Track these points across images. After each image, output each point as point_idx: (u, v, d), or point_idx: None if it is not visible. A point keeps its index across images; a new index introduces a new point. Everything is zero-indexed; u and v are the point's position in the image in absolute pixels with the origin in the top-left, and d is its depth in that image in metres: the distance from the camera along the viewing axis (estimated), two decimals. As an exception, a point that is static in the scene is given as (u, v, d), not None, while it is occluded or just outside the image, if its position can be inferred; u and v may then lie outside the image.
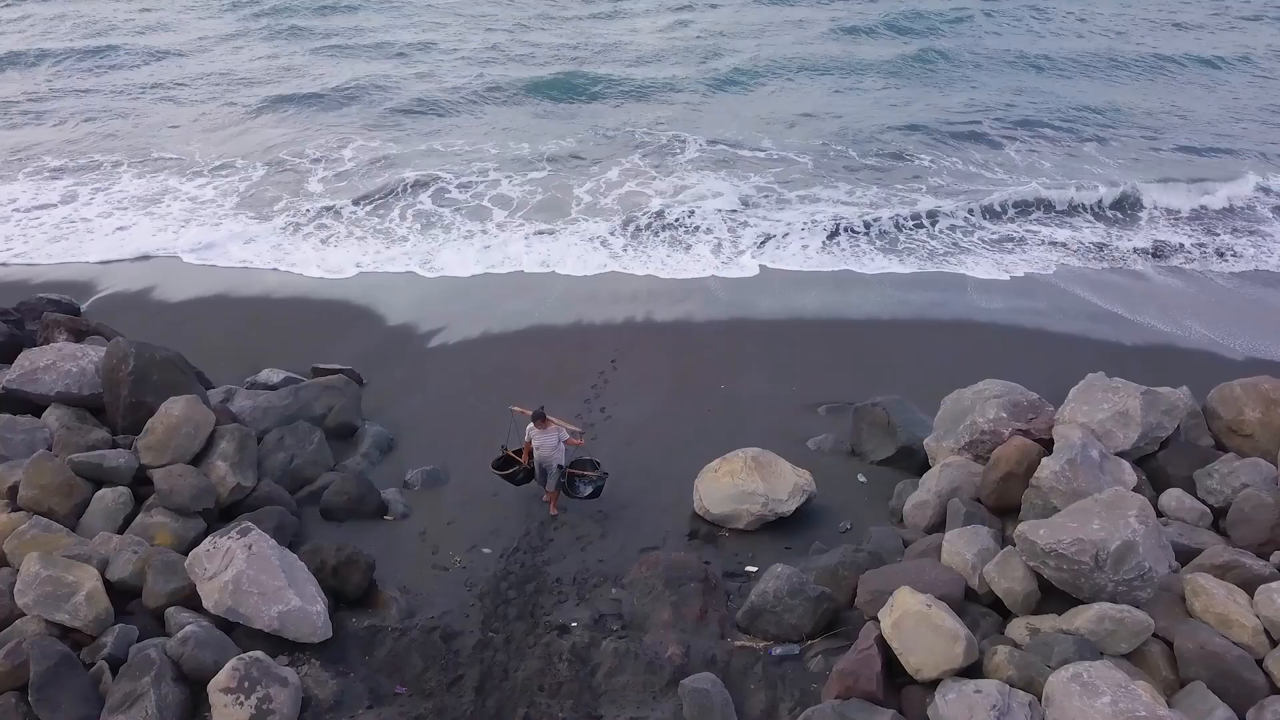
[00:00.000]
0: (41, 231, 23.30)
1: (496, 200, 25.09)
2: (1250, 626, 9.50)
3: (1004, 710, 8.36)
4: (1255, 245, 22.45)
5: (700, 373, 17.41)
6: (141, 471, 12.18)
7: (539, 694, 10.11)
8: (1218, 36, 40.21)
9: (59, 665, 9.17)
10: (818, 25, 41.76)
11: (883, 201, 24.57)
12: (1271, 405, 12.26)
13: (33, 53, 38.77)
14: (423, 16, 45.51)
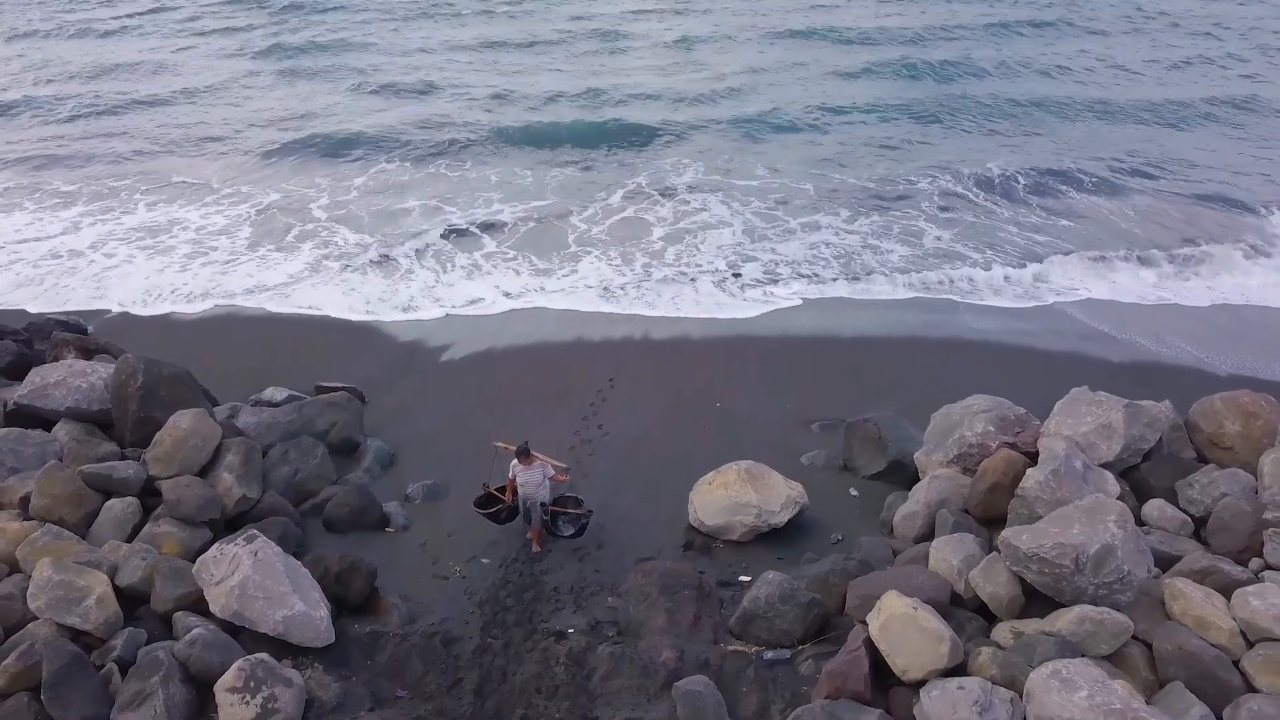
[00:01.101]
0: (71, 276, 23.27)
1: (500, 236, 25.21)
2: (1227, 629, 9.85)
3: (986, 706, 8.70)
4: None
5: (696, 391, 17.81)
6: (150, 483, 12.58)
7: (536, 696, 10.43)
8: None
9: (71, 665, 9.51)
10: (834, 63, 41.57)
11: (883, 231, 25.04)
12: (1251, 418, 12.67)
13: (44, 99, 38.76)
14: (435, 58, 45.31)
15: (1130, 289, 22.00)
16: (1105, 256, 23.32)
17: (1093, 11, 49.59)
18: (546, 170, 29.75)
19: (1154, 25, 47.81)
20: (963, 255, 23.58)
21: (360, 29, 49.37)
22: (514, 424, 15.96)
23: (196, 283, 22.54)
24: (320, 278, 22.66)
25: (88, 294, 22.19)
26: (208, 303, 21.61)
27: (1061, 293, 21.86)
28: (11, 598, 10.49)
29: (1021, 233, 24.96)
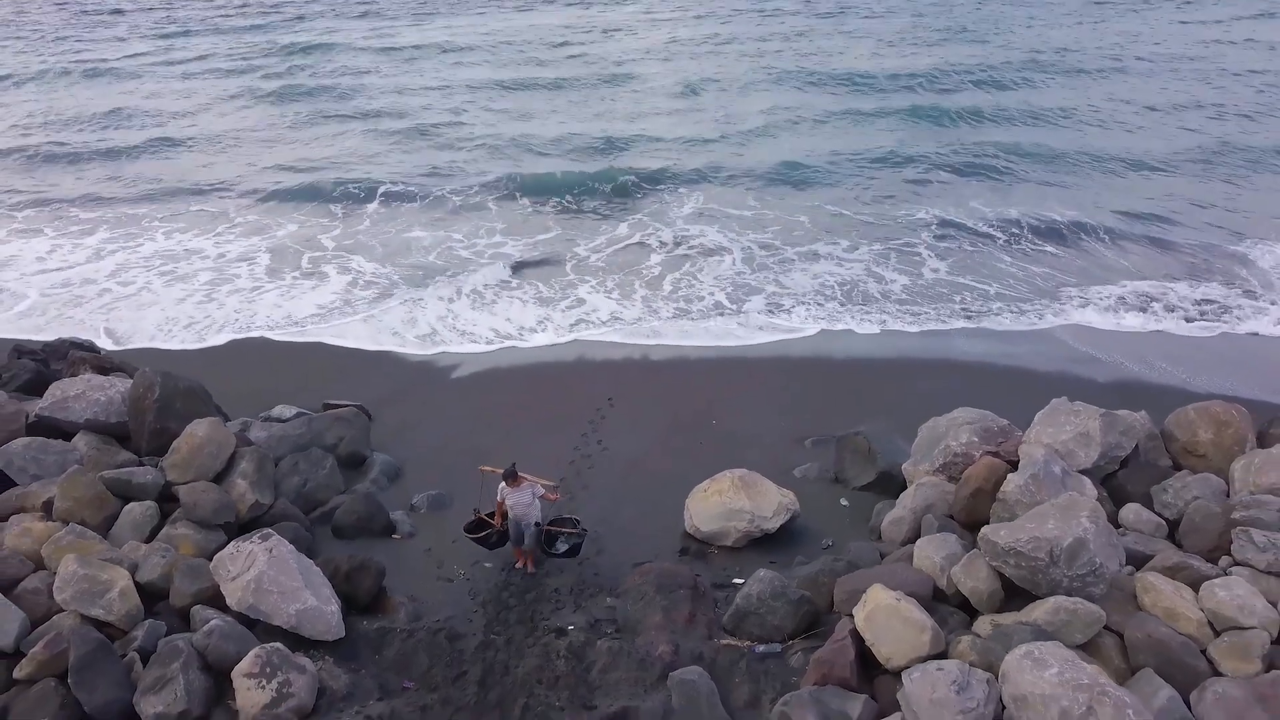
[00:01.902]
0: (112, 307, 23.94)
1: (507, 269, 25.92)
2: (1195, 619, 10.44)
3: (963, 685, 9.27)
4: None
5: (693, 410, 18.47)
6: (167, 488, 13.22)
7: (538, 687, 11.00)
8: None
9: (96, 651, 10.10)
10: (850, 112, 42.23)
11: (882, 259, 25.92)
12: (1222, 427, 13.35)
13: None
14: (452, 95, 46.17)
15: (1122, 319, 22.71)
16: (1102, 291, 24.09)
17: (1079, 59, 51.09)
18: (552, 214, 30.38)
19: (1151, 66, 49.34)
20: (964, 285, 24.37)
21: (366, 68, 50.69)
22: (516, 441, 16.64)
23: (208, 312, 23.23)
24: (328, 306, 23.39)
25: (99, 323, 22.92)
26: (221, 333, 22.22)
27: (1056, 316, 22.66)
28: (38, 592, 11.08)
29: (1017, 263, 25.78)
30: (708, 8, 79.71)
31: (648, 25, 67.71)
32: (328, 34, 60.98)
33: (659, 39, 61.39)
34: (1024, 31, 63.71)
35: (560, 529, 13.56)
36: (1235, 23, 67.84)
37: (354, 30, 63.75)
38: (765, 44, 58.86)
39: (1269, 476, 12.24)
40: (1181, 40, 60.06)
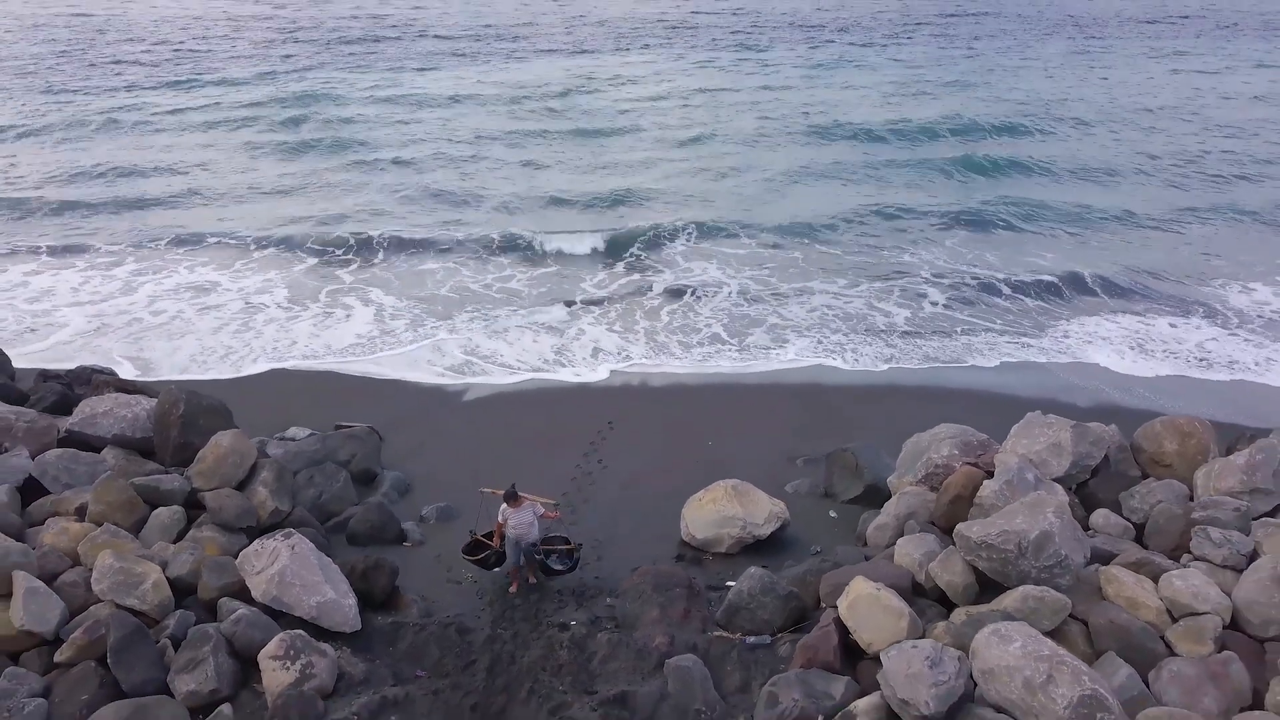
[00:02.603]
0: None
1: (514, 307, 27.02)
2: (1155, 607, 11.36)
3: (936, 661, 10.15)
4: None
5: (690, 433, 19.44)
6: (192, 494, 14.16)
7: (542, 674, 11.86)
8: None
9: (133, 634, 10.98)
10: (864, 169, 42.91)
11: (885, 294, 27.16)
12: (1186, 437, 14.34)
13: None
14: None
15: (1112, 357, 23.82)
16: (1089, 328, 25.25)
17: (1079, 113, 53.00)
18: (555, 256, 31.38)
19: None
20: (955, 321, 25.54)
21: (373, 118, 52.22)
22: (521, 462, 17.56)
23: (235, 343, 24.21)
24: (347, 338, 24.46)
25: (131, 352, 23.87)
26: (246, 364, 23.14)
27: (1042, 351, 23.79)
28: (75, 585, 11.98)
29: (1008, 300, 27.02)
30: (706, 57, 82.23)
31: (648, 76, 69.78)
32: (332, 84, 62.88)
33: (659, 89, 63.37)
34: (1013, 83, 65.94)
35: (553, 547, 14.15)
36: (1227, 73, 70.30)
37: (359, 80, 65.75)
38: (764, 94, 60.83)
39: (1227, 481, 13.22)
40: (1172, 91, 62.24)
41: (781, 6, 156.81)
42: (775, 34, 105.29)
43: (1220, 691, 10.38)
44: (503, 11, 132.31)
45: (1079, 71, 74.99)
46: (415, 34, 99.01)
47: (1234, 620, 11.30)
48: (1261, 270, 29.32)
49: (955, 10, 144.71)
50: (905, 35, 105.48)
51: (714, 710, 11.22)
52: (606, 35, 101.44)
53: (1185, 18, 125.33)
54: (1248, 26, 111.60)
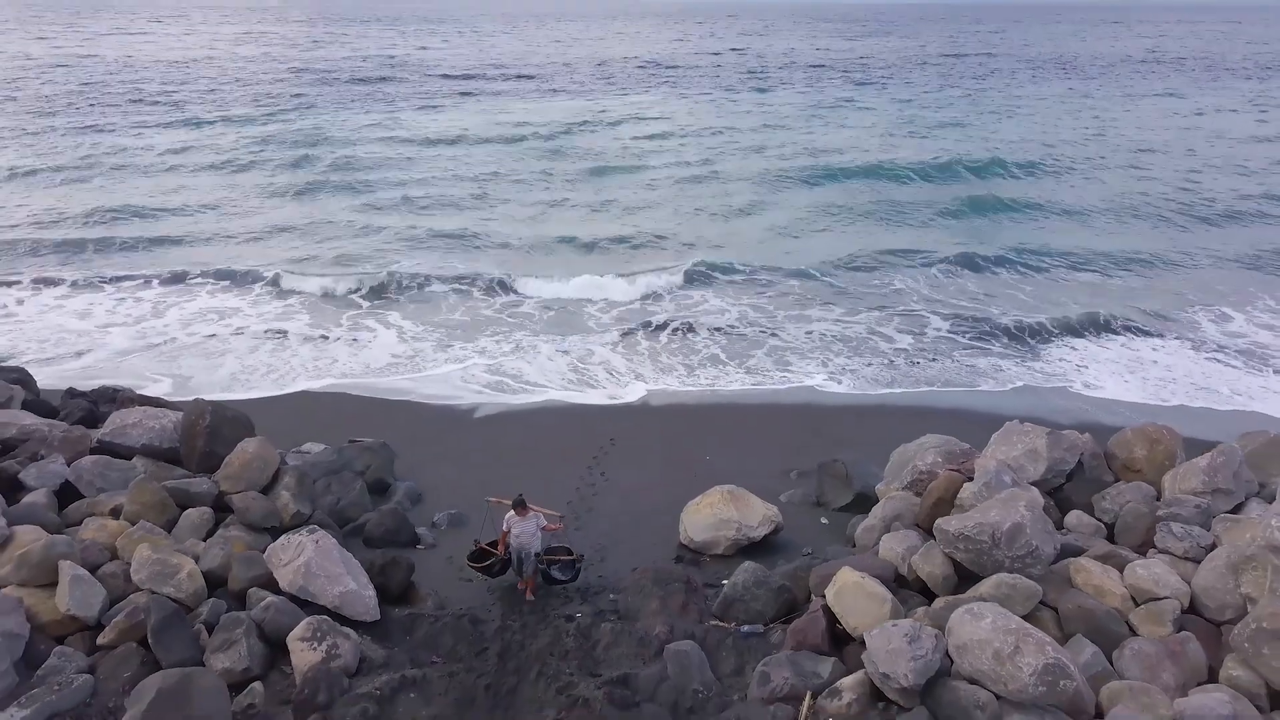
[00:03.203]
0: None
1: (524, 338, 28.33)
2: (1120, 594, 12.30)
3: (914, 638, 11.07)
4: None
5: (689, 448, 20.48)
6: (220, 497, 15.14)
7: (550, 658, 12.77)
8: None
9: (172, 616, 11.92)
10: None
11: (883, 321, 28.34)
12: (1155, 443, 15.36)
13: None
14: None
15: (1104, 379, 24.93)
16: (1085, 357, 26.40)
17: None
18: (563, 284, 32.55)
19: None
20: (954, 347, 26.69)
21: (380, 159, 53.64)
22: (527, 474, 18.57)
23: (262, 360, 25.60)
24: (366, 359, 25.59)
25: (168, 370, 25.13)
26: (283, 382, 24.45)
27: (1030, 375, 24.90)
28: (115, 575, 12.92)
29: (1006, 327, 28.12)
30: (709, 96, 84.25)
31: (652, 116, 71.67)
32: (339, 123, 64.62)
33: (663, 128, 65.15)
34: (1010, 123, 67.76)
35: (556, 557, 14.91)
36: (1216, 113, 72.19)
37: (365, 119, 67.54)
38: (765, 133, 62.48)
39: (1191, 482, 14.22)
40: (1164, 128, 64.01)
41: (780, 46, 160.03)
42: (777, 74, 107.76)
43: (1178, 668, 11.29)
44: (506, 52, 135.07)
45: (1074, 112, 76.99)
46: (423, 74, 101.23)
47: (1192, 605, 12.25)
48: (1235, 299, 30.66)
49: (955, 51, 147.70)
50: (905, 75, 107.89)
51: (710, 690, 12.12)
52: (609, 76, 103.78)
53: (1182, 59, 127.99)
54: (1237, 66, 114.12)
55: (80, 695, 11.24)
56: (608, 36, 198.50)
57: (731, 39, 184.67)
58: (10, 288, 31.50)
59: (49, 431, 16.98)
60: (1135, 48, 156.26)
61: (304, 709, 11.15)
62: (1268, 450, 14.94)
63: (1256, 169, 53.29)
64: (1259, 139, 64.55)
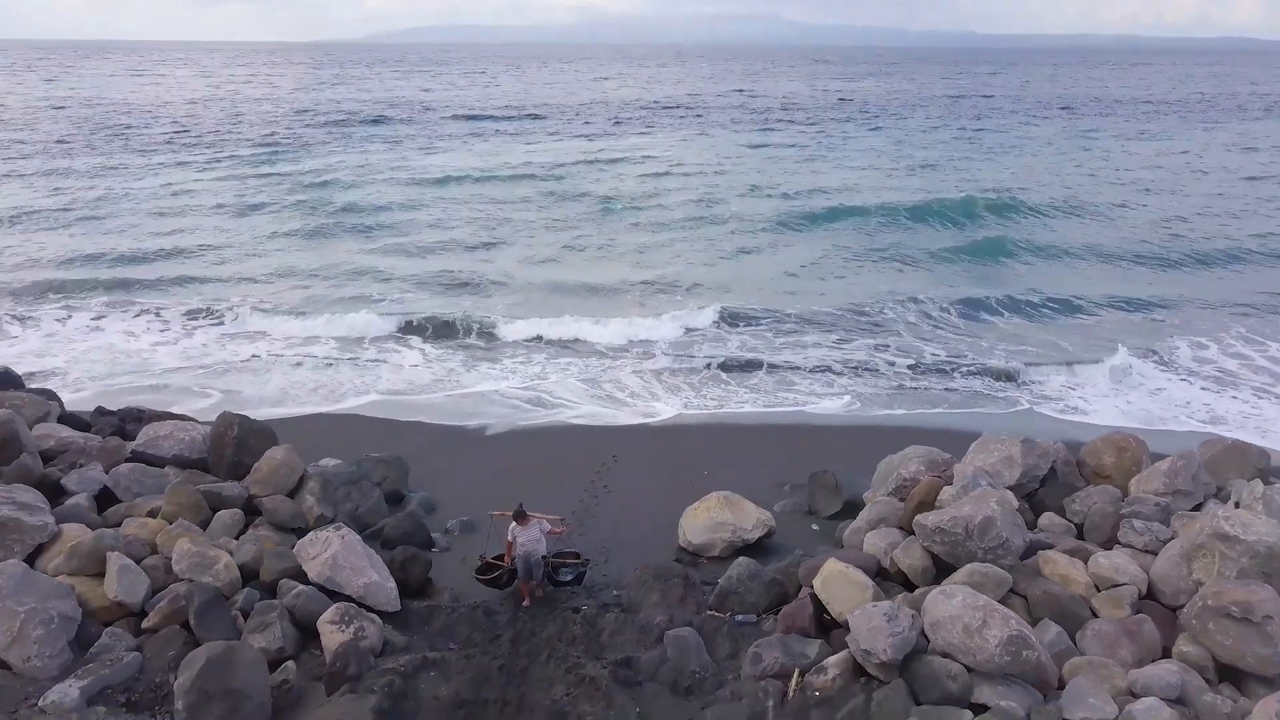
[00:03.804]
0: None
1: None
2: (1084, 582, 13.49)
3: (893, 617, 12.23)
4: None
5: (688, 464, 21.64)
6: (249, 501, 16.36)
7: (559, 644, 13.92)
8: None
9: (212, 600, 13.11)
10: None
11: (881, 349, 29.80)
12: (1123, 451, 16.61)
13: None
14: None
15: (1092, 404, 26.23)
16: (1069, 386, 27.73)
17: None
18: (574, 320, 33.65)
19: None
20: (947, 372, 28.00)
21: (392, 200, 55.19)
22: (534, 487, 19.68)
23: (311, 378, 27.21)
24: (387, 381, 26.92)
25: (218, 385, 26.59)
26: (335, 398, 26.08)
27: (1012, 403, 26.19)
28: (156, 567, 14.12)
29: (997, 359, 29.41)
30: (713, 139, 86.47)
31: (657, 158, 73.60)
32: (348, 165, 66.56)
33: (671, 170, 67.01)
34: (1009, 164, 69.72)
35: (563, 561, 16.01)
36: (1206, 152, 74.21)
37: (373, 161, 69.56)
38: (770, 174, 64.14)
39: (1153, 484, 15.47)
40: (1158, 169, 65.90)
41: (782, 88, 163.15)
42: (779, 114, 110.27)
43: (1134, 645, 12.45)
44: (509, 94, 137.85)
45: (1067, 151, 79.06)
46: (435, 115, 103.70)
47: (1150, 592, 13.44)
48: (1211, 329, 32.16)
49: (958, 92, 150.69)
50: (904, 115, 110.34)
51: (707, 671, 13.25)
52: (613, 116, 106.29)
53: (1180, 102, 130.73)
54: (1227, 107, 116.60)
55: (129, 671, 12.40)
56: (611, 77, 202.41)
57: (733, 80, 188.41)
58: (47, 314, 33.14)
59: (85, 443, 18.30)
60: (1127, 87, 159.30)
61: (335, 681, 12.29)
62: (1224, 456, 16.19)
63: (1242, 210, 54.91)
64: (1251, 178, 66.53)
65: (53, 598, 12.77)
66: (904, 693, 11.80)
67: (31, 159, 68.37)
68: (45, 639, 12.32)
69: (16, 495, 14.73)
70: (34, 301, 34.96)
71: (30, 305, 34.50)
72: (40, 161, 66.94)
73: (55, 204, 52.68)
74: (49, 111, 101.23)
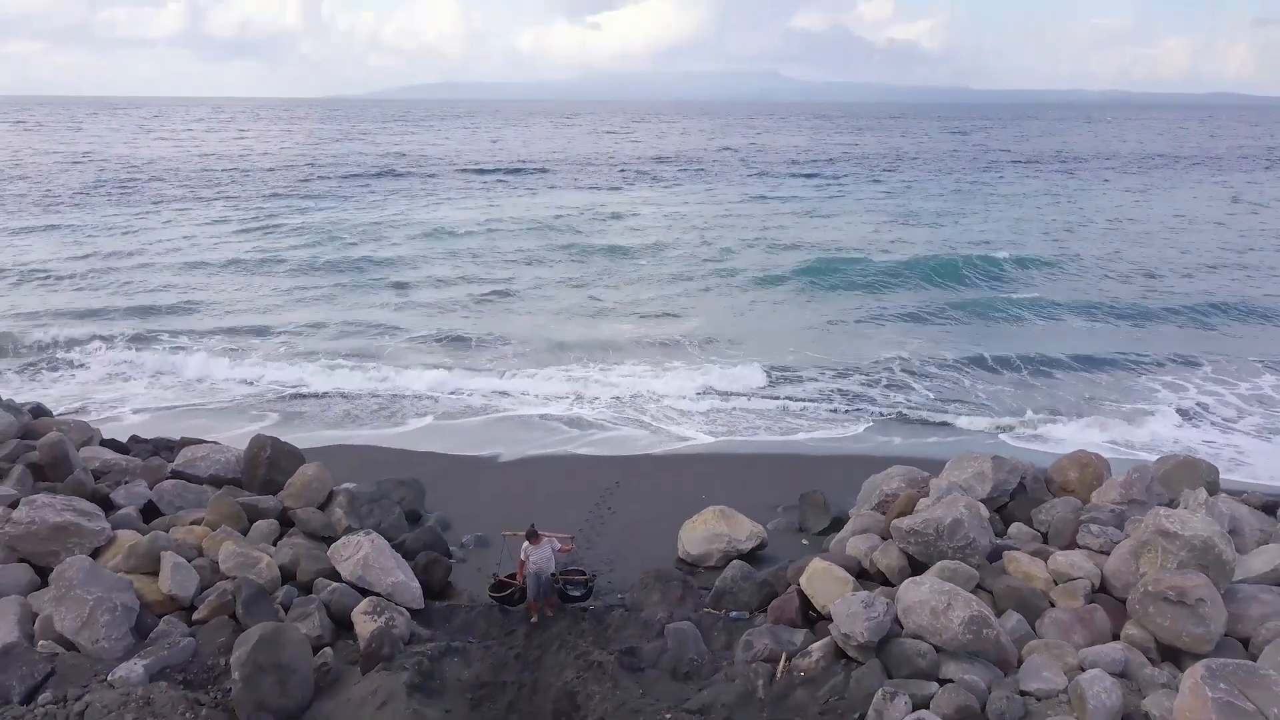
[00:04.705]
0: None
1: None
2: (1044, 577, 15.09)
3: (869, 604, 13.80)
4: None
5: (686, 489, 23.23)
6: (284, 513, 17.99)
7: (569, 637, 15.48)
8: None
9: (258, 593, 14.71)
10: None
11: (871, 383, 31.48)
12: (1085, 467, 18.28)
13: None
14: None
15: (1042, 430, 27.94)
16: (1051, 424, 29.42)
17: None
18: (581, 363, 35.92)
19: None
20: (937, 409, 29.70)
21: (404, 252, 57.06)
22: (542, 510, 21.31)
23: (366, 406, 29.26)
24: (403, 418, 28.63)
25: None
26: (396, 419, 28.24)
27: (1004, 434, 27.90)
28: (203, 567, 15.74)
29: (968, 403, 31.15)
30: (716, 194, 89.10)
31: (659, 212, 75.91)
32: (356, 216, 68.97)
33: (673, 223, 69.18)
34: (1006, 220, 71.91)
35: (570, 578, 17.37)
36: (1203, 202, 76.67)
37: (379, 213, 72.03)
38: (774, 229, 66.11)
39: (1110, 495, 17.12)
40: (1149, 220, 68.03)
41: (782, 143, 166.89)
42: (782, 169, 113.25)
43: (1087, 630, 14.01)
44: (513, 148, 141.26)
45: (1056, 202, 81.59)
46: (439, 170, 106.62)
47: (1103, 585, 15.01)
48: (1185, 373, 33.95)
49: (954, 146, 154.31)
50: (905, 169, 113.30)
51: (703, 659, 14.80)
52: (621, 169, 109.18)
53: (1177, 157, 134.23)
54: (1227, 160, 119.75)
55: (185, 654, 13.95)
56: (616, 131, 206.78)
57: (734, 136, 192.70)
58: (94, 356, 35.34)
59: (127, 464, 20.00)
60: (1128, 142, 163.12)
61: (370, 661, 13.85)
62: (1177, 471, 17.87)
63: (1220, 261, 56.80)
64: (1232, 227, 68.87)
65: (115, 589, 14.36)
66: (879, 670, 13.34)
67: (59, 209, 71.06)
68: (111, 624, 13.89)
69: (76, 504, 16.39)
70: (67, 347, 36.62)
71: (68, 350, 36.16)
72: (60, 214, 69.43)
73: (77, 253, 54.85)
74: (67, 165, 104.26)
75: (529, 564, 16.49)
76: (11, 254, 55.02)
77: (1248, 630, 13.69)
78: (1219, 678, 11.45)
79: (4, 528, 15.64)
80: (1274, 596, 14.02)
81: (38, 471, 18.63)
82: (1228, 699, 11.21)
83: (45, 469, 18.64)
